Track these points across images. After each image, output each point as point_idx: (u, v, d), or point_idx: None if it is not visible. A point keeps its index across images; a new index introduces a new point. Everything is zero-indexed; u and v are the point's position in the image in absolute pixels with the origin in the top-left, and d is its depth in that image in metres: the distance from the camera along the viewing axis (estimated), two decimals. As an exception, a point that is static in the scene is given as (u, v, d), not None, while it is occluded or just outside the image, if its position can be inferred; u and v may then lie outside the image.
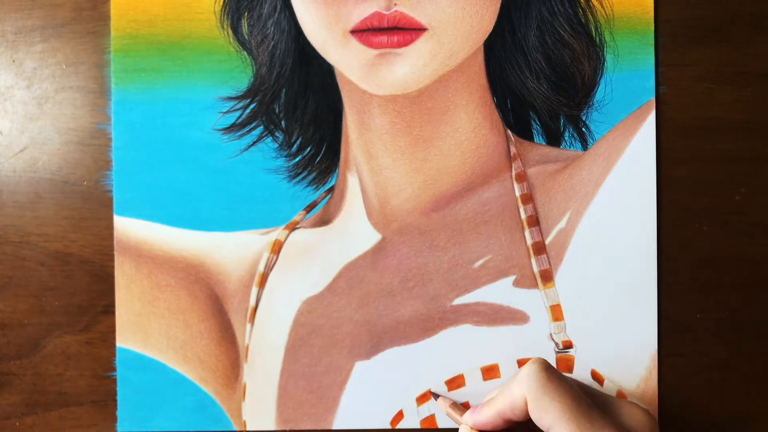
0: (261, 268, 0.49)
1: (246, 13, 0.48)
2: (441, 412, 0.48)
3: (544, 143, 0.49)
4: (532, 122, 0.49)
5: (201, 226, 0.49)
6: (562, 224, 0.48)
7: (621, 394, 0.48)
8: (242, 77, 0.48)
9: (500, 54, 0.48)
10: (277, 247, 0.49)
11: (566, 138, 0.48)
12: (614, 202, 0.48)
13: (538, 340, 0.48)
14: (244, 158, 0.49)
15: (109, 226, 0.49)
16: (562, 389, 0.40)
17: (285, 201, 0.49)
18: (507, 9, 0.48)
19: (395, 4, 0.47)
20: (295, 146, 0.49)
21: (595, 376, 0.48)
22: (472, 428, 0.44)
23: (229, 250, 0.49)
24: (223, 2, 0.48)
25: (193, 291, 0.49)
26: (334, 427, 0.48)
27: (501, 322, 0.48)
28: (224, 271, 0.49)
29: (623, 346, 0.48)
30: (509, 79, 0.48)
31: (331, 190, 0.49)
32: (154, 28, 0.48)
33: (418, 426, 0.48)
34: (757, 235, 0.48)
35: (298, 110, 0.49)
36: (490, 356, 0.48)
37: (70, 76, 0.49)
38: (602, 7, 0.48)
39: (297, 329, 0.49)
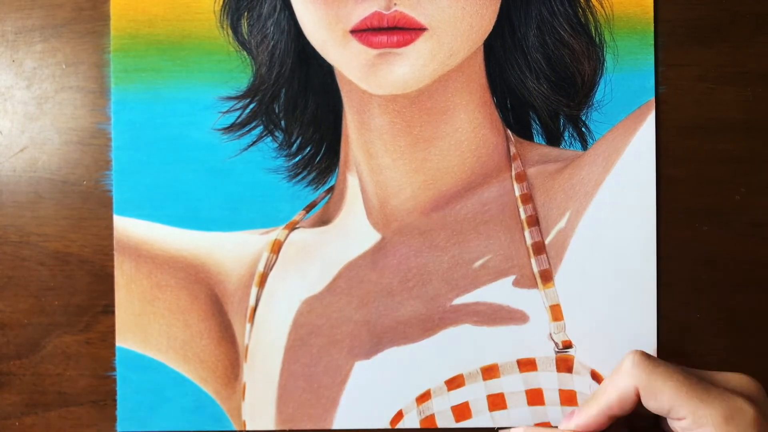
0: (261, 267, 0.49)
1: (246, 13, 0.48)
2: (441, 412, 0.48)
3: (543, 143, 0.49)
4: (532, 122, 0.49)
5: (201, 226, 0.49)
6: (561, 224, 0.48)
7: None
8: (242, 77, 0.48)
9: (500, 54, 0.48)
10: (276, 247, 0.49)
11: (566, 138, 0.49)
12: (614, 202, 0.48)
13: (537, 340, 0.48)
14: (244, 158, 0.49)
15: (109, 226, 0.49)
16: (669, 370, 0.42)
17: (285, 201, 0.49)
18: (507, 9, 0.48)
19: (395, 4, 0.47)
20: (295, 146, 0.49)
21: (595, 376, 0.48)
22: None
23: (229, 250, 0.49)
24: (223, 2, 0.48)
25: (193, 291, 0.49)
26: (334, 427, 0.48)
27: (501, 322, 0.48)
28: (224, 271, 0.49)
29: (623, 346, 0.48)
30: (509, 79, 0.48)
31: (330, 189, 0.49)
32: (154, 28, 0.48)
33: (418, 426, 0.48)
34: (757, 235, 0.48)
35: (298, 110, 0.49)
36: (490, 356, 0.48)
37: (70, 76, 0.49)
38: (602, 7, 0.48)
39: (297, 329, 0.49)
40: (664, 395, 0.41)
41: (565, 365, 0.48)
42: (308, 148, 0.49)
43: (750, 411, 0.40)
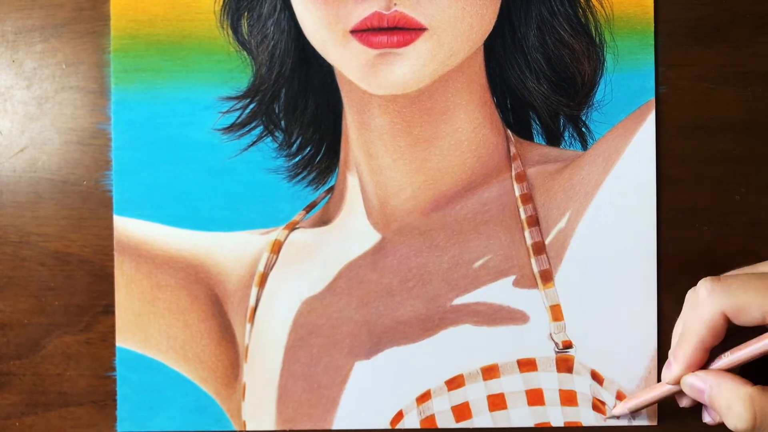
0: (261, 268, 0.49)
1: (246, 13, 0.48)
2: (441, 412, 0.48)
3: (544, 143, 0.49)
4: (532, 122, 0.49)
5: (201, 226, 0.49)
6: (561, 224, 0.48)
7: (620, 395, 0.48)
8: (242, 77, 0.48)
9: (500, 54, 0.48)
10: (276, 247, 0.49)
11: (566, 138, 0.49)
12: (614, 202, 0.48)
13: (538, 340, 0.48)
14: (244, 158, 0.49)
15: (109, 226, 0.49)
16: (741, 280, 0.41)
17: (285, 201, 0.49)
18: (507, 9, 0.48)
19: (395, 4, 0.47)
20: (295, 146, 0.49)
21: (595, 376, 0.48)
22: (686, 376, 0.43)
23: (229, 250, 0.49)
24: (223, 2, 0.48)
25: (193, 291, 0.49)
26: (334, 427, 0.48)
27: (501, 322, 0.48)
28: (224, 271, 0.49)
29: (623, 346, 0.48)
30: (509, 79, 0.48)
31: (330, 190, 0.49)
32: (154, 28, 0.48)
33: (418, 426, 0.48)
34: (757, 235, 0.48)
35: (298, 110, 0.49)
36: (490, 356, 0.48)
37: (70, 76, 0.49)
38: (602, 7, 0.48)
39: (297, 329, 0.49)
40: (752, 307, 0.40)
41: (565, 365, 0.48)
42: (308, 148, 0.49)
43: None
